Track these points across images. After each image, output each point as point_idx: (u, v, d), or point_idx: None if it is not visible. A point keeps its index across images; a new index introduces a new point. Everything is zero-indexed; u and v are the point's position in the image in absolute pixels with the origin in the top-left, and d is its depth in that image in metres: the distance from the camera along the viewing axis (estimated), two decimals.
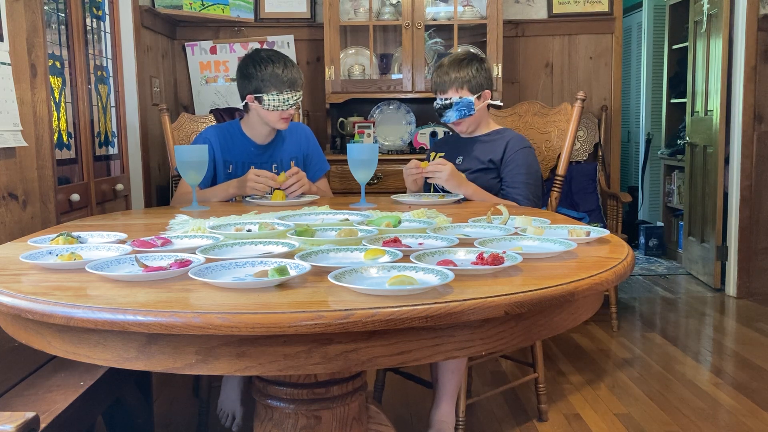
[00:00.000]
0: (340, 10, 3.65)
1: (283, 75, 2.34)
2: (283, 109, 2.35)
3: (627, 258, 1.32)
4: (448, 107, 2.31)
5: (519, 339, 1.13)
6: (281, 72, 2.34)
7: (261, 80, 2.34)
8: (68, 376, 1.62)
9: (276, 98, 2.33)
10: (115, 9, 3.10)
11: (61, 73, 2.52)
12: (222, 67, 3.95)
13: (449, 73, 2.32)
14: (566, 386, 2.73)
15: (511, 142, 2.31)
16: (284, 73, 2.34)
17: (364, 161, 2.17)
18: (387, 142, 3.93)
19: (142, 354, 1.04)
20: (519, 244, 1.44)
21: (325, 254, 1.32)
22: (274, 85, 2.33)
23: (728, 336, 3.43)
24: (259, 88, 2.35)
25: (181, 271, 1.19)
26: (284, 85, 2.33)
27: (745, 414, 2.46)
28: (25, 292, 1.10)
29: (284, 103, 2.34)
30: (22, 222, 2.07)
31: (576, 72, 4.07)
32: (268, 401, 1.35)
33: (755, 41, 3.93)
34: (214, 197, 2.36)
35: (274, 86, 2.33)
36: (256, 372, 1.03)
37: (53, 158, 2.23)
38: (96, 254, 1.38)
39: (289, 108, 2.36)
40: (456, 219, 1.78)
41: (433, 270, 1.16)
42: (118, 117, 3.10)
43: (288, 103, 2.34)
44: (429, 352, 1.06)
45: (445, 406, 2.09)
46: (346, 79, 3.75)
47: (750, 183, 4.03)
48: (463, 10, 3.75)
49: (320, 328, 0.96)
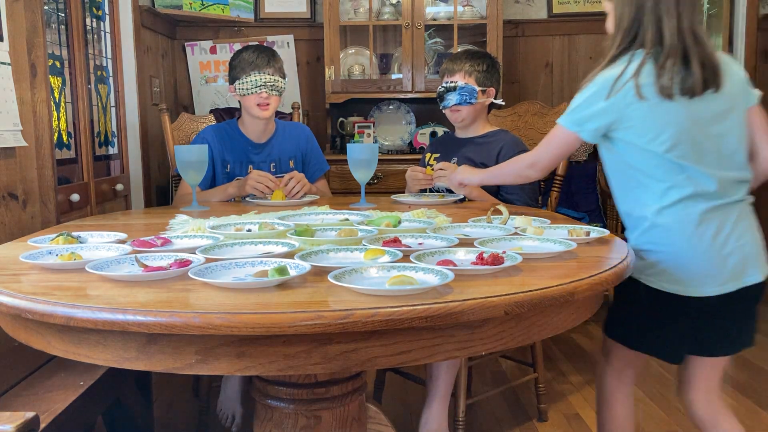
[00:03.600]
0: (340, 10, 3.65)
1: (249, 57, 2.36)
2: (252, 92, 2.34)
3: (627, 258, 1.32)
4: (451, 90, 2.32)
5: (519, 339, 1.13)
6: (248, 56, 2.37)
7: (234, 68, 2.39)
8: (68, 376, 1.62)
9: (244, 81, 2.35)
10: (115, 9, 3.10)
11: (61, 73, 2.52)
12: (222, 67, 3.95)
13: (461, 59, 2.36)
14: (566, 386, 2.73)
15: (505, 147, 2.31)
16: (250, 56, 2.36)
17: (364, 161, 2.17)
18: (387, 142, 3.93)
19: (142, 354, 1.04)
20: (519, 244, 1.44)
21: (325, 254, 1.32)
22: (243, 69, 2.36)
23: None
24: (233, 76, 2.39)
25: (181, 271, 1.19)
26: (250, 67, 2.35)
27: (745, 414, 2.46)
28: (25, 292, 1.10)
29: (253, 85, 2.33)
30: (22, 222, 2.07)
31: (576, 72, 4.07)
32: (268, 401, 1.35)
33: (755, 41, 3.93)
34: (213, 198, 2.37)
35: (242, 70, 2.36)
36: (256, 372, 1.03)
37: (53, 158, 2.23)
38: (96, 254, 1.38)
39: (260, 91, 2.34)
40: (456, 219, 1.78)
41: (433, 270, 1.16)
42: (118, 117, 3.10)
43: (256, 85, 2.33)
44: (429, 352, 1.06)
45: (438, 406, 2.09)
46: (346, 79, 3.75)
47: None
48: (463, 10, 3.75)
49: (320, 328, 0.96)
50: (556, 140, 1.69)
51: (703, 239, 1.51)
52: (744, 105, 1.57)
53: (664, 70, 1.48)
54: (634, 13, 1.53)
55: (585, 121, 1.58)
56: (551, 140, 1.71)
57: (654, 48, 1.51)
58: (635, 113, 1.51)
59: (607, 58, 1.57)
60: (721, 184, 1.52)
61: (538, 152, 1.76)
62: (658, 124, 1.50)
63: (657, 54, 1.50)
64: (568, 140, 1.65)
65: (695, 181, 1.51)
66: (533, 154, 1.78)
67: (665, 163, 1.51)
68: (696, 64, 1.48)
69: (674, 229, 1.52)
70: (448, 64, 2.39)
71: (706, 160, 1.51)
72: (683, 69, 1.48)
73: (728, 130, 1.53)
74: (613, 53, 1.56)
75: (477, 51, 2.47)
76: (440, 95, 2.36)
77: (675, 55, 1.48)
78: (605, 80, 1.53)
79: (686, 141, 1.50)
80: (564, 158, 1.73)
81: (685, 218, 1.51)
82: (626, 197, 1.62)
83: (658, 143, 1.50)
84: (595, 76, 1.57)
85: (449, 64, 2.38)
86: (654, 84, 1.49)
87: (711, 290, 1.52)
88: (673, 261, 1.52)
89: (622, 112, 1.52)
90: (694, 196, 1.51)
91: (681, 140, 1.50)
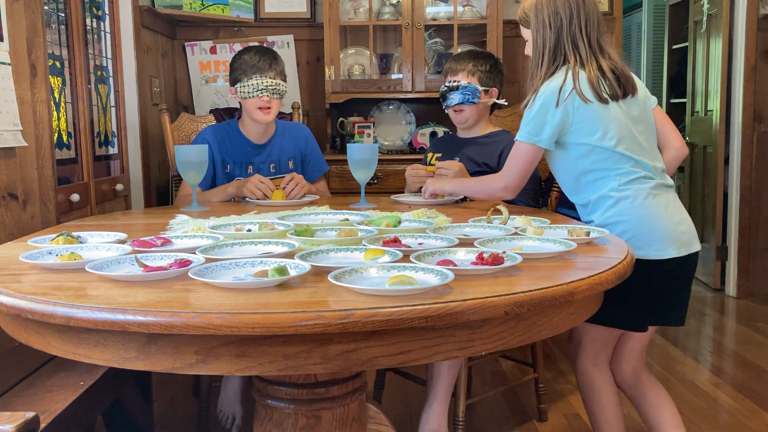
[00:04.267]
0: (340, 10, 3.65)
1: (251, 60, 2.33)
2: (254, 96, 2.32)
3: (627, 258, 1.32)
4: (454, 89, 2.32)
5: (519, 339, 1.13)
6: (249, 58, 2.34)
7: (235, 70, 2.37)
8: (68, 376, 1.62)
9: (246, 84, 2.32)
10: (115, 9, 3.10)
11: (61, 73, 2.52)
12: (222, 67, 3.95)
13: (465, 59, 2.37)
14: (566, 386, 2.73)
15: (507, 148, 2.31)
16: (252, 59, 2.34)
17: (364, 161, 2.17)
18: (387, 142, 3.93)
19: (142, 354, 1.04)
20: (519, 244, 1.44)
21: (325, 254, 1.32)
22: (244, 72, 2.33)
23: (728, 336, 3.43)
24: (234, 78, 2.37)
25: (181, 271, 1.19)
26: (251, 70, 2.32)
27: (745, 414, 2.46)
28: (25, 292, 1.10)
29: (255, 89, 2.31)
30: (22, 222, 2.07)
31: None
32: (268, 401, 1.35)
33: (755, 41, 3.93)
34: (213, 198, 2.37)
35: (244, 73, 2.33)
36: (256, 372, 1.03)
37: (53, 158, 2.23)
38: (96, 254, 1.38)
39: (261, 95, 2.32)
40: (456, 219, 1.78)
41: (433, 270, 1.16)
42: (118, 117, 3.10)
43: (258, 89, 2.31)
44: (429, 352, 1.06)
45: (438, 406, 2.09)
46: (346, 79, 3.75)
47: (750, 183, 4.03)
48: (463, 10, 3.75)
49: (320, 328, 0.96)
50: (519, 158, 1.86)
51: (658, 208, 1.74)
52: (651, 107, 1.86)
53: (592, 79, 1.74)
54: (554, 38, 1.79)
55: (540, 131, 1.78)
56: (515, 159, 1.87)
57: (577, 63, 1.77)
58: (583, 116, 1.74)
59: (541, 76, 1.80)
60: (656, 171, 1.79)
61: (506, 175, 1.90)
62: (603, 124, 1.74)
63: (582, 67, 1.77)
64: (530, 153, 1.83)
65: (641, 166, 1.76)
66: (503, 178, 1.91)
67: (614, 155, 1.75)
68: (609, 72, 1.76)
69: (636, 199, 1.74)
70: (452, 64, 2.39)
71: (642, 151, 1.77)
72: (602, 77, 1.75)
73: (648, 127, 1.82)
74: (545, 71, 1.80)
75: (480, 51, 2.47)
76: (443, 95, 2.36)
77: (593, 66, 1.76)
78: (551, 91, 1.76)
79: (627, 136, 1.75)
80: (531, 172, 1.89)
81: (642, 192, 1.74)
82: (583, 189, 1.81)
83: (607, 139, 1.74)
84: (537, 91, 1.78)
85: (452, 63, 2.39)
86: (590, 90, 1.74)
87: (671, 253, 1.72)
88: (640, 227, 1.73)
89: (572, 116, 1.74)
90: (643, 177, 1.76)
91: (623, 135, 1.75)
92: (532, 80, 1.83)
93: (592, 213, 1.80)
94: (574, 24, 1.78)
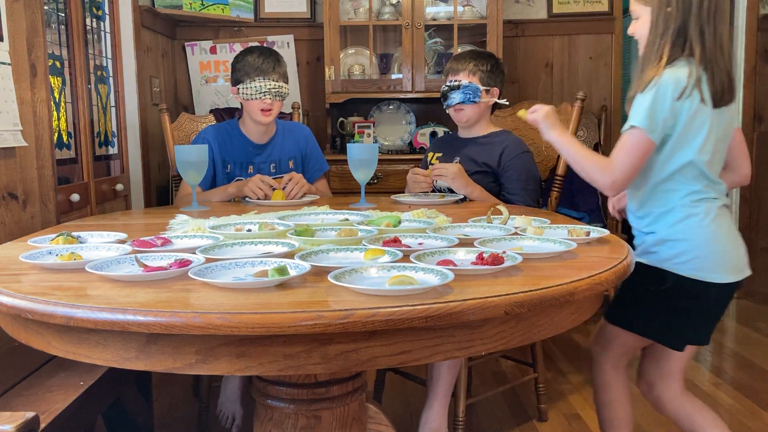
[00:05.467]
0: (340, 10, 3.65)
1: (254, 62, 2.32)
2: (256, 98, 2.31)
3: (627, 258, 1.32)
4: (455, 89, 2.32)
5: (519, 339, 1.13)
6: (253, 60, 2.32)
7: (237, 70, 2.35)
8: (68, 376, 1.62)
9: (249, 86, 2.31)
10: (115, 9, 3.10)
11: (61, 73, 2.52)
12: (222, 67, 3.95)
13: (466, 59, 2.37)
14: (566, 386, 2.73)
15: (507, 148, 2.32)
16: (255, 61, 2.32)
17: (364, 161, 2.17)
18: (387, 142, 3.93)
19: (142, 354, 1.04)
20: (519, 244, 1.43)
21: (325, 254, 1.32)
22: (247, 73, 2.32)
23: (728, 336, 3.42)
24: (237, 79, 2.35)
25: (181, 271, 1.19)
26: (255, 72, 2.31)
27: (745, 414, 2.46)
28: (25, 292, 1.10)
29: (257, 91, 2.30)
30: (22, 222, 2.07)
31: (576, 72, 4.07)
32: (268, 401, 1.35)
33: (755, 41, 3.93)
34: (213, 197, 2.37)
35: (246, 74, 2.32)
36: (256, 372, 1.03)
37: (53, 158, 2.23)
38: (96, 254, 1.38)
39: (264, 97, 2.31)
40: (456, 219, 1.78)
41: (433, 270, 1.16)
42: (118, 117, 3.10)
43: (261, 91, 2.30)
44: (429, 352, 1.06)
45: (438, 407, 2.09)
46: (346, 79, 3.75)
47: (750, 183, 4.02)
48: (463, 10, 3.75)
49: (320, 328, 0.96)
50: (632, 148, 1.58)
51: (723, 230, 1.64)
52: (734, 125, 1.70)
53: (716, 78, 1.54)
54: (680, 21, 1.55)
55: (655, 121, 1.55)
56: (628, 150, 1.59)
57: (702, 55, 1.55)
58: (695, 119, 1.56)
59: (662, 60, 1.56)
60: (723, 191, 1.68)
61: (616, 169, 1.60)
62: (706, 133, 1.57)
63: (704, 63, 1.55)
64: (645, 144, 1.57)
65: (714, 185, 1.64)
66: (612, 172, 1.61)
67: (698, 170, 1.60)
68: (724, 74, 1.55)
69: (705, 218, 1.62)
70: (453, 64, 2.39)
71: (717, 169, 1.65)
72: (722, 78, 1.55)
73: (725, 145, 1.66)
74: (667, 55, 1.56)
75: (482, 51, 2.47)
76: (444, 94, 2.36)
77: (713, 65, 1.54)
78: (677, 80, 1.54)
79: (716, 151, 1.61)
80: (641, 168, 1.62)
81: (711, 212, 1.62)
82: (653, 198, 1.66)
83: (704, 152, 1.58)
84: (659, 75, 1.55)
85: (453, 63, 2.39)
86: (709, 91, 1.54)
87: (731, 277, 1.65)
88: (704, 248, 1.62)
89: (686, 116, 1.55)
90: (713, 197, 1.64)
91: (715, 150, 1.60)
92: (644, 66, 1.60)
93: (653, 224, 1.67)
94: (704, 9, 1.53)
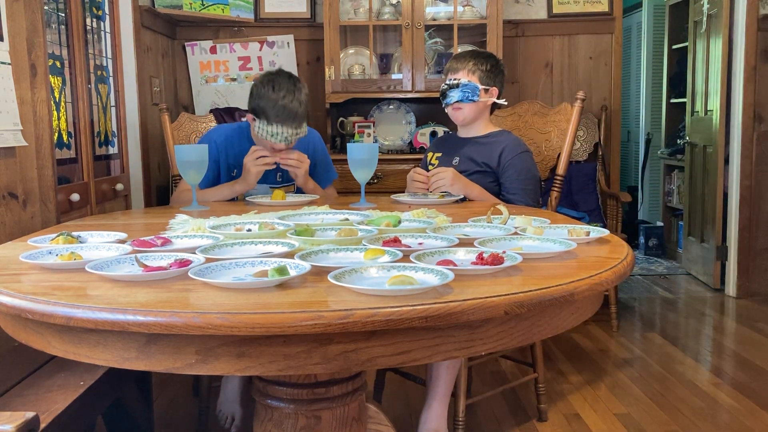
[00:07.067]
0: (340, 10, 3.65)
1: (278, 105, 2.17)
2: (269, 140, 2.23)
3: (627, 258, 1.32)
4: (454, 87, 2.32)
5: (519, 339, 1.13)
6: (277, 101, 2.17)
7: (258, 101, 2.22)
8: (68, 376, 1.62)
9: (264, 128, 2.21)
10: (115, 9, 3.10)
11: (61, 73, 2.52)
12: (222, 67, 3.95)
13: (466, 58, 2.37)
14: (566, 386, 2.73)
15: (507, 148, 2.32)
16: (279, 104, 2.17)
17: (364, 161, 2.17)
18: (387, 142, 3.93)
19: (142, 354, 1.04)
20: (519, 244, 1.43)
21: (325, 254, 1.32)
22: (265, 113, 2.20)
23: (728, 336, 3.42)
24: (255, 109, 2.24)
25: (181, 271, 1.19)
26: (274, 116, 2.19)
27: (745, 414, 2.46)
28: (25, 292, 1.10)
29: (271, 135, 2.21)
30: (22, 222, 2.07)
31: (576, 72, 4.07)
32: (268, 401, 1.35)
33: (755, 41, 3.93)
34: (215, 196, 2.35)
35: (264, 113, 2.20)
36: (256, 372, 1.03)
37: (53, 158, 2.23)
38: (96, 254, 1.38)
39: (276, 142, 2.22)
40: (456, 219, 1.78)
41: (433, 270, 1.16)
42: (118, 117, 3.10)
43: (276, 138, 2.21)
44: (429, 352, 1.06)
45: (437, 406, 2.09)
46: (346, 78, 3.75)
47: (750, 183, 4.03)
48: (463, 10, 3.75)
49: (320, 328, 0.96)
50: None
51: None
52: None
53: None
54: None
55: None
56: None
57: None
58: None
59: None
60: None
61: None
62: None
63: None
64: None
65: None
66: None
67: None
68: None
69: None
70: (452, 63, 2.39)
71: None
72: None
73: None
74: None
75: (482, 51, 2.48)
76: (443, 93, 2.36)
77: None
78: None
79: None
80: None
81: None
82: None
83: None
84: None
85: (453, 62, 2.39)
86: None
87: None
88: None
89: None
90: None
91: None
92: None
93: None
94: None
